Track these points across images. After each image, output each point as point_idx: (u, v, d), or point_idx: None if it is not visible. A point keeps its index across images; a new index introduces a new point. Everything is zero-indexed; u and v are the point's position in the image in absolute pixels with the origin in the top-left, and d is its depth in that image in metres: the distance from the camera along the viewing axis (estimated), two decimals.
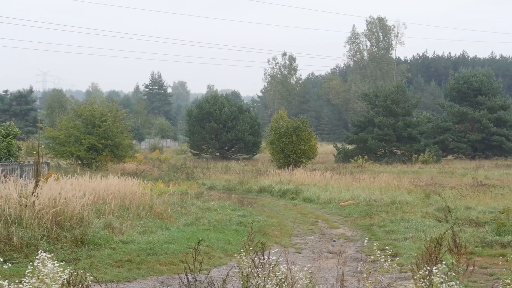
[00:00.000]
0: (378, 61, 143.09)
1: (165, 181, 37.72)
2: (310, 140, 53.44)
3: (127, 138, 58.42)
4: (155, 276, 13.79)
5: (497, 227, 19.52)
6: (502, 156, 76.72)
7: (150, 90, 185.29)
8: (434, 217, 23.40)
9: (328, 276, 13.77)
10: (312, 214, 27.94)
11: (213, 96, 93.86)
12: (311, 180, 38.85)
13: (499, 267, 14.45)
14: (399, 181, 36.49)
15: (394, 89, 77.21)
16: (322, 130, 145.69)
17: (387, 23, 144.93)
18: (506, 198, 27.85)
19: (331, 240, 20.59)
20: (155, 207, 21.53)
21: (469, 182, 38.82)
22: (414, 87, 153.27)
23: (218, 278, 12.02)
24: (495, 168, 56.29)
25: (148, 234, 18.04)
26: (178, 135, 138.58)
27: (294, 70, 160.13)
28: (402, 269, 14.67)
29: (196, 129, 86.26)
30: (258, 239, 13.74)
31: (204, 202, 27.37)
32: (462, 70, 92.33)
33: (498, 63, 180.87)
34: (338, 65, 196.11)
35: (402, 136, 73.63)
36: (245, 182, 41.70)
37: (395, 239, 19.62)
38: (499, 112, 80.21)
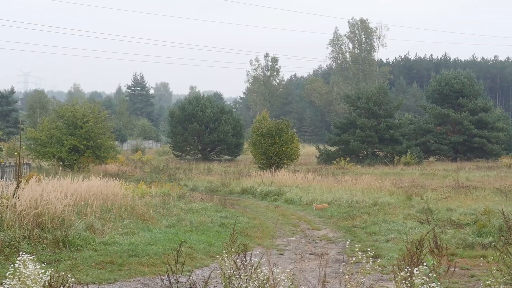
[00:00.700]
0: (360, 63, 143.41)
1: (147, 182, 37.64)
2: (292, 142, 53.50)
3: (109, 139, 58.22)
4: (137, 278, 13.76)
5: (478, 229, 19.62)
6: (483, 158, 77.11)
7: (132, 91, 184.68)
8: (416, 219, 23.50)
9: (310, 278, 13.80)
10: (294, 215, 27.96)
11: (195, 97, 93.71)
12: (293, 182, 38.88)
13: (480, 269, 14.54)
14: (381, 183, 36.58)
15: (376, 91, 77.37)
16: (305, 131, 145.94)
17: (369, 25, 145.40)
18: (487, 200, 28.00)
19: (313, 241, 20.62)
20: (137, 208, 21.47)
21: (451, 183, 39.01)
22: (396, 89, 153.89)
23: (200, 280, 12.02)
24: (476, 170, 56.53)
25: (130, 236, 18.00)
26: (161, 137, 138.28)
27: (276, 71, 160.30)
28: (384, 271, 14.73)
29: (178, 130, 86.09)
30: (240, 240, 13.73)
31: (186, 204, 27.34)
32: (444, 72, 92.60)
33: (479, 66, 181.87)
34: (321, 67, 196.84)
35: (384, 138, 73.81)
36: (228, 183, 41.67)
37: (377, 240, 19.68)
38: (480, 114, 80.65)
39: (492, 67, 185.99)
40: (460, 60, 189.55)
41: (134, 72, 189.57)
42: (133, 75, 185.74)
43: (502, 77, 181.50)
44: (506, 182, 40.19)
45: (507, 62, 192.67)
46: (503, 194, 29.89)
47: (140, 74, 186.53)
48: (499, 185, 35.78)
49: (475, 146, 79.12)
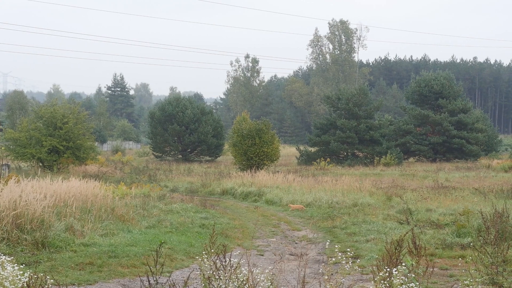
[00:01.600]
0: (340, 64, 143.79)
1: (127, 183, 37.51)
2: (273, 143, 53.52)
3: (89, 140, 57.90)
4: (117, 279, 13.73)
5: (457, 229, 19.74)
6: (463, 159, 77.55)
7: (113, 92, 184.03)
8: (396, 219, 23.59)
9: (290, 278, 13.82)
10: (275, 216, 27.97)
11: (175, 98, 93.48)
12: (273, 183, 38.89)
13: (459, 269, 14.62)
14: (361, 184, 36.67)
15: (356, 92, 77.52)
16: (285, 132, 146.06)
17: (349, 26, 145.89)
18: (466, 200, 28.16)
19: (293, 242, 20.64)
20: (117, 209, 21.40)
21: (430, 184, 39.18)
22: (376, 90, 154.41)
23: (180, 281, 12.01)
24: (456, 171, 56.82)
25: (110, 237, 17.94)
26: (141, 137, 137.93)
27: (257, 72, 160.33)
28: (363, 271, 14.78)
29: (158, 131, 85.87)
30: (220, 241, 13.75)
31: (167, 205, 27.27)
32: (424, 74, 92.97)
33: (459, 67, 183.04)
34: (301, 68, 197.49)
35: (364, 138, 73.96)
36: (208, 184, 41.63)
37: (357, 241, 19.73)
38: (459, 115, 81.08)
39: (471, 68, 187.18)
40: (439, 62, 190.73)
41: (114, 73, 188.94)
42: (113, 76, 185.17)
43: (481, 78, 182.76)
44: (485, 183, 40.48)
45: (486, 64, 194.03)
46: (482, 195, 30.04)
47: (120, 75, 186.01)
48: (478, 186, 36.02)
49: (455, 147, 79.50)
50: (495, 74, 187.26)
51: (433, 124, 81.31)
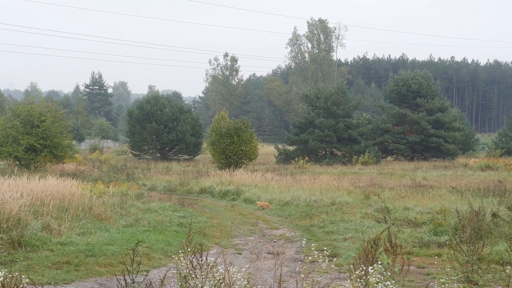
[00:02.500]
0: (319, 62, 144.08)
1: (105, 182, 37.37)
2: (251, 141, 53.49)
3: (67, 139, 57.63)
4: (94, 278, 13.67)
5: (434, 228, 19.83)
6: (440, 158, 77.98)
7: (91, 90, 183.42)
8: (373, 218, 23.67)
9: (267, 277, 13.82)
10: (253, 215, 27.98)
11: (154, 97, 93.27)
12: (252, 181, 38.90)
13: (436, 267, 14.69)
14: (339, 182, 36.76)
15: (334, 91, 77.73)
16: (263, 131, 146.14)
17: (328, 25, 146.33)
18: (444, 199, 28.31)
19: (271, 241, 20.65)
20: (94, 208, 21.29)
21: (408, 183, 39.34)
22: (355, 89, 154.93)
23: (157, 280, 11.98)
24: (433, 169, 57.13)
25: (87, 236, 17.85)
26: (119, 136, 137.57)
27: (235, 71, 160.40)
28: (341, 270, 14.81)
29: (136, 129, 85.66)
30: (198, 240, 13.74)
31: (145, 203, 27.19)
32: (402, 73, 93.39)
33: (437, 66, 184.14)
34: (280, 67, 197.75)
35: (343, 137, 74.19)
36: (186, 183, 41.56)
37: (335, 239, 19.76)
38: (437, 114, 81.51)
39: (449, 67, 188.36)
40: (417, 61, 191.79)
41: (92, 71, 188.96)
42: (91, 74, 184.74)
43: (458, 77, 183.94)
44: (462, 181, 40.74)
45: (463, 63, 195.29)
46: (459, 193, 30.21)
47: (99, 73, 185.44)
48: (455, 184, 36.22)
49: (432, 145, 79.92)
50: (472, 74, 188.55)
51: (411, 123, 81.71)
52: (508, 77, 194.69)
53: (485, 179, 42.85)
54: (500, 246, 16.50)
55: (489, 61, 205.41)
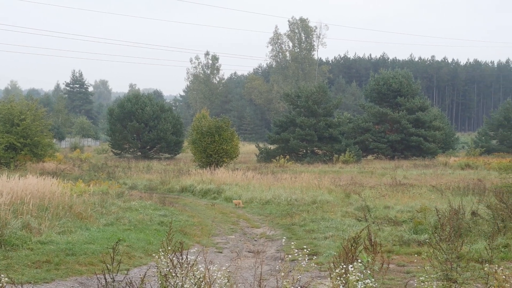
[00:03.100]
0: (300, 61, 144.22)
1: (85, 180, 37.25)
2: (232, 140, 53.53)
3: (47, 137, 57.41)
4: (74, 277, 13.63)
5: (414, 226, 19.94)
6: (420, 156, 78.33)
7: (71, 89, 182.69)
8: (354, 216, 23.74)
9: (248, 275, 13.84)
10: (234, 213, 28.00)
11: (135, 95, 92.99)
12: (232, 180, 38.90)
13: (415, 265, 14.78)
14: (320, 181, 36.85)
15: (315, 90, 77.88)
16: (245, 130, 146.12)
17: (309, 24, 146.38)
18: (424, 198, 28.44)
19: (252, 239, 20.68)
20: (75, 207, 21.21)
21: (388, 181, 39.48)
22: (336, 88, 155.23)
23: (138, 278, 11.97)
24: (413, 168, 57.40)
25: (68, 234, 17.79)
26: (100, 134, 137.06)
27: (216, 70, 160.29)
28: (321, 268, 14.85)
29: (117, 128, 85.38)
30: (179, 238, 13.74)
31: (125, 202, 27.11)
32: (382, 72, 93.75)
33: (417, 65, 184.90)
34: (261, 65, 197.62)
35: (323, 136, 74.34)
36: (167, 181, 41.50)
37: (315, 238, 19.82)
38: (417, 113, 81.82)
39: (429, 67, 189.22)
40: (398, 60, 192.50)
41: (73, 70, 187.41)
42: (72, 73, 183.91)
43: (438, 77, 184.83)
44: (442, 180, 40.97)
45: (443, 62, 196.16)
46: (439, 192, 30.38)
47: (79, 72, 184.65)
48: (435, 183, 36.45)
49: (413, 144, 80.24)
50: (453, 73, 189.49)
51: (391, 122, 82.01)
52: (487, 76, 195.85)
53: (465, 178, 43.11)
54: (479, 244, 16.61)
55: (469, 61, 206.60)
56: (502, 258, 15.81)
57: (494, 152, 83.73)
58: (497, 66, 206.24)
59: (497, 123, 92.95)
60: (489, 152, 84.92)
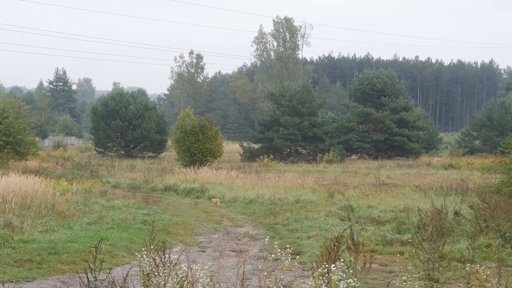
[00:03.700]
0: (284, 61, 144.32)
1: (68, 179, 37.12)
2: (216, 139, 53.48)
3: (30, 135, 57.22)
4: (56, 276, 13.60)
5: (397, 226, 20.03)
6: (404, 156, 78.57)
7: (55, 87, 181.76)
8: (337, 216, 23.81)
9: (231, 275, 13.84)
10: (217, 212, 28.00)
11: (118, 94, 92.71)
12: (216, 179, 38.88)
13: (398, 265, 14.85)
14: (303, 180, 36.91)
15: (300, 89, 77.97)
16: (229, 129, 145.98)
17: (293, 24, 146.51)
18: (407, 197, 28.57)
19: (235, 238, 20.69)
20: (57, 205, 21.15)
21: (372, 181, 39.61)
22: (320, 88, 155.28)
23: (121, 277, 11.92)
24: (397, 168, 57.61)
25: (50, 233, 17.73)
26: (83, 133, 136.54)
27: (201, 68, 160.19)
28: (304, 267, 14.89)
29: (101, 126, 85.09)
30: (162, 238, 13.71)
31: (108, 201, 27.04)
32: (366, 72, 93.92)
33: (401, 65, 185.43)
34: (245, 65, 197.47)
35: (307, 135, 74.42)
36: (151, 180, 41.41)
37: (299, 237, 19.86)
38: (401, 113, 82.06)
39: (413, 67, 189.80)
40: (382, 60, 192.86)
41: (56, 67, 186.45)
42: (55, 70, 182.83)
43: (422, 77, 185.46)
44: (425, 180, 41.15)
45: (427, 63, 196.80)
46: (422, 192, 30.50)
47: (63, 69, 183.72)
48: (419, 183, 36.60)
49: (396, 144, 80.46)
50: (436, 73, 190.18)
51: (375, 121, 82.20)
52: (471, 77, 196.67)
53: (448, 178, 43.32)
54: (462, 244, 16.71)
55: (452, 61, 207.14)
56: (484, 258, 15.91)
57: (477, 153, 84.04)
58: (481, 66, 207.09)
59: (480, 124, 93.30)
60: (472, 153, 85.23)
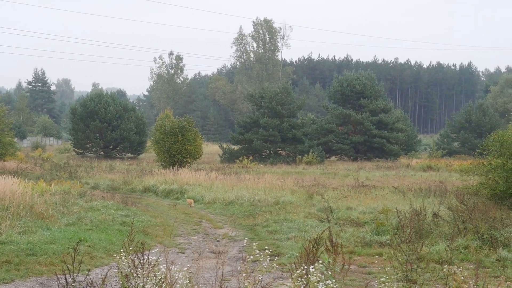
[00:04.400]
0: (264, 62, 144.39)
1: (47, 180, 36.93)
2: (196, 140, 53.38)
3: (8, 136, 56.90)
4: (35, 277, 13.53)
5: (376, 227, 20.10)
6: (383, 158, 78.87)
7: (33, 87, 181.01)
8: (317, 217, 23.85)
9: (209, 276, 13.82)
10: (197, 214, 27.96)
11: (98, 95, 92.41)
12: (196, 180, 38.83)
13: (377, 266, 14.90)
14: (283, 182, 36.91)
15: (279, 91, 78.07)
16: (208, 130, 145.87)
17: (273, 25, 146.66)
18: (386, 199, 28.66)
19: (214, 240, 20.67)
20: (36, 206, 21.04)
21: (351, 183, 39.67)
22: (299, 89, 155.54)
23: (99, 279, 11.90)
24: (376, 170, 57.78)
25: (28, 234, 17.64)
26: (62, 134, 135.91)
27: (180, 69, 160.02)
28: (284, 269, 14.91)
29: (80, 127, 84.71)
30: (141, 239, 13.68)
31: (87, 202, 26.93)
32: (346, 73, 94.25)
33: (380, 67, 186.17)
34: (225, 66, 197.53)
35: (287, 137, 74.52)
36: (130, 181, 41.29)
37: (278, 239, 19.87)
38: (380, 115, 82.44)
39: (392, 69, 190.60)
40: (362, 62, 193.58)
41: (35, 68, 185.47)
42: (34, 71, 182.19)
43: (401, 79, 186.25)
44: (404, 182, 41.28)
45: (406, 65, 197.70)
46: (401, 194, 30.64)
47: (41, 70, 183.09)
48: (398, 185, 36.73)
49: (375, 146, 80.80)
50: (415, 75, 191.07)
51: (354, 123, 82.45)
52: (450, 79, 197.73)
53: (426, 180, 43.49)
54: (440, 245, 16.79)
55: (431, 63, 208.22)
56: (463, 259, 16.00)
57: (456, 154, 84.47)
58: (459, 69, 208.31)
59: (459, 126, 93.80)
60: (451, 154, 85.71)
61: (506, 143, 26.82)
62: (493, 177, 26.55)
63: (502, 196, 25.68)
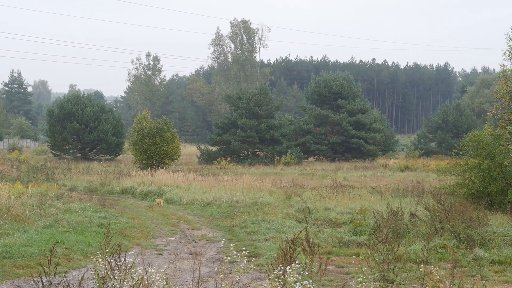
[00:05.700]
0: (242, 63, 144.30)
1: (24, 182, 36.75)
2: (174, 141, 53.35)
3: None
4: (11, 280, 13.47)
5: (354, 227, 20.18)
6: (361, 158, 79.11)
7: (10, 89, 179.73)
8: (295, 218, 23.91)
9: (187, 277, 13.82)
10: (175, 215, 27.94)
11: (75, 96, 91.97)
12: (174, 182, 38.80)
13: (355, 266, 14.97)
14: (261, 183, 36.96)
15: (257, 92, 78.09)
16: (186, 131, 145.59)
17: (251, 26, 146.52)
18: (364, 199, 28.79)
19: (192, 241, 20.66)
20: (12, 209, 20.94)
21: (329, 183, 39.78)
22: (277, 90, 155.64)
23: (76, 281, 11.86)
24: (354, 170, 57.93)
25: (4, 237, 17.55)
26: (39, 135, 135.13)
27: (158, 71, 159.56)
28: (262, 270, 14.92)
29: (57, 129, 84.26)
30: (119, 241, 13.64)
31: (64, 204, 26.83)
32: (323, 74, 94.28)
33: (358, 68, 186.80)
34: (203, 67, 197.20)
35: (265, 138, 74.55)
36: (107, 183, 41.16)
37: (256, 240, 19.90)
38: (358, 116, 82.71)
39: (369, 69, 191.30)
40: (339, 62, 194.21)
41: (11, 69, 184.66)
42: (10, 72, 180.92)
43: (379, 79, 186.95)
44: (381, 182, 41.47)
45: (384, 65, 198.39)
46: (378, 194, 30.77)
47: (18, 71, 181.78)
48: (375, 185, 36.90)
49: (353, 146, 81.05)
50: (393, 76, 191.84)
51: (332, 124, 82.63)
52: (427, 79, 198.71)
53: (404, 180, 43.67)
54: (417, 245, 16.90)
55: (408, 64, 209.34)
56: (439, 259, 16.10)
57: (433, 154, 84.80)
58: (436, 69, 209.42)
59: (436, 126, 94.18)
60: (428, 154, 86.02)
61: (482, 143, 27.09)
62: (470, 177, 26.80)
63: (479, 196, 25.93)
